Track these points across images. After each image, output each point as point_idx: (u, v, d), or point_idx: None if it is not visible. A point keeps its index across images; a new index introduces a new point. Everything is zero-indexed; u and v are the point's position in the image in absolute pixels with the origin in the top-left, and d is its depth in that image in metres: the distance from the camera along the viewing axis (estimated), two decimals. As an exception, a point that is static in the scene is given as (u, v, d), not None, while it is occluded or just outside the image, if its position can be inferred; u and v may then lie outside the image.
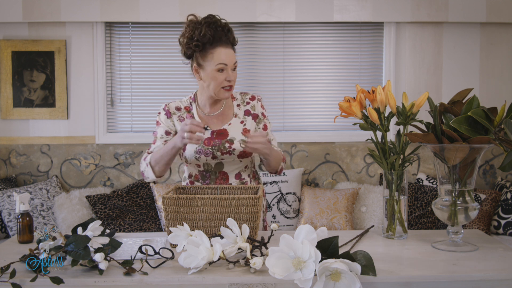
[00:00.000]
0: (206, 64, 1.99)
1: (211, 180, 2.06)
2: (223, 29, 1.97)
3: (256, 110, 2.14)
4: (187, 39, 2.00)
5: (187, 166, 2.12)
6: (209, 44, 1.96)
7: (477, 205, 1.66)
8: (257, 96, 2.17)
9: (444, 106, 1.63)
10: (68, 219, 3.46)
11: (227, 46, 1.98)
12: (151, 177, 2.01)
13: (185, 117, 2.10)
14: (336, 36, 3.92)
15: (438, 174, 1.69)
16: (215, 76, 1.98)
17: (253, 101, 2.15)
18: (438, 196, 1.71)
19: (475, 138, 1.52)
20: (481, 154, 1.62)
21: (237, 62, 2.02)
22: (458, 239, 1.67)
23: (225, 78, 1.98)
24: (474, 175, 1.66)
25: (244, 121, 2.10)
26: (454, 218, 1.65)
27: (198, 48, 1.98)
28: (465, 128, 1.54)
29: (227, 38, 1.98)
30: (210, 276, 1.37)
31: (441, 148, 1.60)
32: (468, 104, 1.59)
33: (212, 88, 2.01)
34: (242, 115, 2.12)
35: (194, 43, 1.97)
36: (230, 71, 1.99)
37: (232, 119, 2.10)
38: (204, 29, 1.95)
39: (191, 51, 2.01)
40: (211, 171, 2.05)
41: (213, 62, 1.97)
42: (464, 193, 1.65)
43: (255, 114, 2.13)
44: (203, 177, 2.07)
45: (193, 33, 1.98)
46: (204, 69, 2.00)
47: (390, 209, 1.76)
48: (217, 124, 2.09)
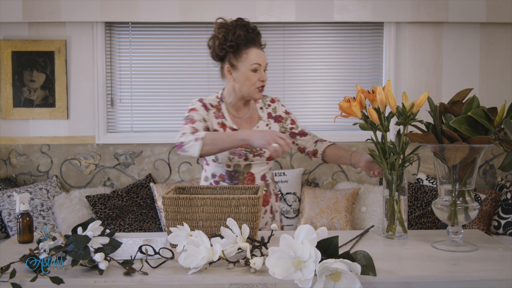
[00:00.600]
0: (240, 64, 2.02)
1: (239, 181, 2.07)
2: (254, 31, 2.03)
3: (278, 112, 2.19)
4: (220, 41, 2.01)
5: (209, 166, 2.11)
6: (243, 45, 2.00)
7: (477, 205, 1.66)
8: (276, 99, 2.23)
9: (444, 106, 1.63)
10: (68, 219, 3.46)
11: (259, 48, 2.04)
12: (194, 153, 1.86)
13: (218, 116, 2.08)
14: (336, 36, 3.92)
15: (438, 174, 1.69)
16: (249, 76, 2.01)
17: (273, 104, 2.20)
18: (438, 196, 1.71)
19: (475, 138, 1.52)
20: (481, 154, 1.61)
21: (268, 64, 2.07)
22: (458, 239, 1.67)
23: (258, 78, 2.02)
24: (474, 175, 1.66)
25: (269, 124, 2.16)
26: (454, 218, 1.65)
27: (232, 49, 2.00)
28: (465, 128, 1.54)
29: (258, 41, 2.04)
30: (210, 276, 1.37)
31: (441, 148, 1.60)
32: (468, 104, 1.58)
33: (246, 88, 2.03)
34: (266, 118, 2.17)
35: (229, 43, 1.99)
36: (263, 72, 2.04)
37: (259, 122, 2.14)
38: (237, 30, 1.99)
39: (225, 52, 2.02)
40: (239, 172, 2.07)
41: (247, 62, 2.00)
42: (464, 193, 1.65)
43: (277, 116, 2.19)
44: (230, 177, 2.07)
45: (226, 35, 2.00)
46: (238, 70, 2.02)
47: (390, 209, 1.76)
48: (246, 127, 2.11)
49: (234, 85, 2.06)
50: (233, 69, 2.04)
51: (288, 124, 2.19)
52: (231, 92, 2.09)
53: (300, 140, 2.20)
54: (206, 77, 3.92)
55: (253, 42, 2.01)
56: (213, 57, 2.08)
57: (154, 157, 3.90)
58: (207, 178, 2.13)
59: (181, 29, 3.89)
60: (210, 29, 3.88)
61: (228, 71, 2.05)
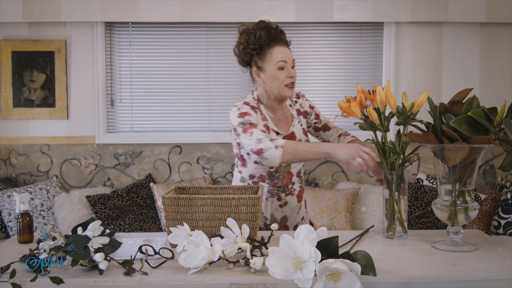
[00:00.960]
0: (266, 65, 2.02)
1: (278, 180, 2.08)
2: (276, 30, 2.02)
3: (304, 108, 2.21)
4: (244, 45, 2.03)
5: (247, 168, 2.09)
6: (266, 45, 2.00)
7: (477, 205, 1.66)
8: (300, 94, 2.24)
9: (444, 106, 1.63)
10: (68, 219, 3.46)
11: (283, 45, 2.03)
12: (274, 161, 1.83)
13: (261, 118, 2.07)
14: (336, 36, 3.92)
15: (438, 174, 1.69)
16: (277, 75, 2.00)
17: (299, 99, 2.22)
18: (438, 196, 1.71)
19: (475, 138, 1.52)
20: (481, 154, 1.61)
21: (295, 60, 2.05)
22: (458, 239, 1.67)
23: (286, 75, 2.01)
24: (474, 175, 1.66)
25: (300, 121, 2.17)
26: (454, 218, 1.65)
27: (255, 51, 2.01)
28: (465, 128, 1.54)
29: (281, 38, 2.03)
30: (210, 276, 1.37)
31: (441, 148, 1.60)
32: (468, 104, 1.58)
33: (275, 88, 2.02)
34: (296, 115, 2.18)
35: (251, 46, 2.00)
36: (290, 68, 2.02)
37: (293, 121, 2.15)
38: (258, 32, 2.00)
39: (249, 55, 2.03)
40: (280, 171, 2.07)
41: (273, 61, 2.00)
42: (464, 193, 1.65)
43: (304, 112, 2.21)
44: (271, 177, 2.07)
45: (248, 39, 2.02)
46: (265, 71, 2.02)
47: (390, 209, 1.76)
48: (284, 128, 2.11)
49: (264, 87, 2.06)
50: (260, 71, 2.04)
51: (312, 119, 2.22)
52: (264, 94, 2.09)
53: (324, 135, 2.25)
54: (206, 77, 3.92)
55: (275, 40, 2.01)
56: (240, 63, 2.10)
57: (154, 157, 3.90)
58: (244, 179, 2.11)
59: (181, 29, 3.89)
60: (210, 29, 3.88)
61: (256, 74, 2.06)
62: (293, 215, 2.14)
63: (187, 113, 3.94)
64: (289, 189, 2.11)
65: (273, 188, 2.08)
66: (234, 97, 3.92)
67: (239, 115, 1.97)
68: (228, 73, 3.92)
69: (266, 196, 2.08)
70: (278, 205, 2.10)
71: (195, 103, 3.93)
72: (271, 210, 2.09)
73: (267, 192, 2.08)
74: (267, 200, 2.08)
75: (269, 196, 2.08)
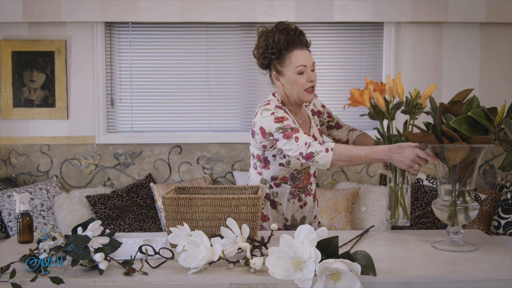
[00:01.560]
0: (285, 69, 1.99)
1: (300, 181, 2.08)
2: (295, 32, 1.99)
3: (317, 107, 2.23)
4: (263, 49, 2.01)
5: (269, 170, 2.06)
6: (284, 49, 1.98)
7: (477, 205, 1.67)
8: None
9: (444, 106, 1.63)
10: (68, 219, 3.46)
11: (302, 48, 2.00)
12: (326, 164, 1.81)
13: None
14: (336, 36, 3.92)
15: (438, 174, 1.70)
16: (296, 79, 1.98)
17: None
18: (438, 196, 1.71)
19: (475, 138, 1.52)
20: (481, 154, 1.61)
21: (315, 63, 2.03)
22: (458, 239, 1.67)
23: (306, 79, 1.98)
24: (474, 175, 1.66)
25: (315, 121, 2.18)
26: (454, 218, 1.65)
27: (274, 56, 1.99)
28: (465, 128, 1.54)
29: (300, 41, 2.00)
30: (210, 276, 1.37)
31: (441, 148, 1.60)
32: (468, 104, 1.58)
33: (295, 92, 2.00)
34: (311, 116, 2.18)
35: (270, 51, 1.98)
36: (310, 72, 1.99)
37: (311, 123, 2.15)
38: (277, 35, 1.97)
39: (268, 60, 2.02)
40: (302, 173, 2.07)
41: (292, 66, 1.97)
42: (464, 193, 1.65)
43: (318, 111, 2.23)
44: (293, 178, 2.06)
45: (267, 42, 2.00)
46: (284, 75, 2.00)
47: (394, 195, 1.78)
48: (305, 130, 2.11)
49: (284, 90, 2.04)
50: (280, 75, 2.02)
51: (326, 118, 2.24)
52: (285, 97, 2.07)
53: (336, 132, 2.27)
54: (206, 77, 3.92)
55: (294, 44, 1.98)
56: (259, 65, 2.09)
57: (154, 157, 3.90)
58: (265, 180, 2.08)
59: (181, 29, 3.89)
60: (210, 29, 3.88)
61: (276, 78, 2.04)
62: (309, 215, 2.16)
63: (187, 113, 3.94)
64: (308, 190, 2.12)
65: (294, 190, 2.07)
66: (234, 97, 3.92)
67: (275, 120, 1.92)
68: (228, 73, 3.92)
69: (287, 198, 2.07)
70: (298, 206, 2.10)
71: (195, 103, 3.93)
72: (292, 211, 2.09)
73: (289, 194, 2.07)
74: (288, 202, 2.07)
75: (291, 198, 2.07)
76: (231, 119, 3.95)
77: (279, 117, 1.92)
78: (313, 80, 1.99)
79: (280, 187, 2.06)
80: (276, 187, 2.07)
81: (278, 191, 2.07)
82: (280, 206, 2.08)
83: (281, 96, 2.09)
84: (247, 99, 3.94)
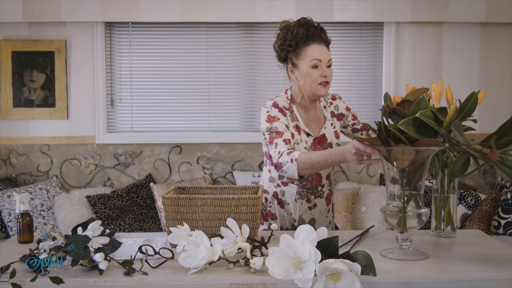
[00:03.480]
0: (300, 62, 2.00)
1: (308, 182, 2.06)
2: (316, 28, 2.00)
3: (340, 110, 2.18)
4: (281, 41, 2.02)
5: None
6: (302, 42, 1.99)
7: (427, 211, 1.54)
8: (337, 95, 2.21)
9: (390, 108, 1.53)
10: (68, 219, 3.46)
11: (320, 43, 2.00)
12: (293, 175, 1.86)
13: (292, 118, 2.05)
14: (336, 36, 3.92)
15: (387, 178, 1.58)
16: (310, 73, 1.98)
17: (335, 101, 2.19)
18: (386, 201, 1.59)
19: (423, 140, 1.43)
20: (430, 157, 1.50)
21: (331, 60, 2.02)
22: (407, 247, 1.56)
23: (320, 74, 1.98)
24: (424, 179, 1.54)
25: (333, 123, 2.14)
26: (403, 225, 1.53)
27: (291, 48, 2.00)
28: (414, 130, 1.44)
29: (319, 36, 2.01)
30: (210, 276, 1.37)
31: (388, 151, 1.50)
32: (416, 105, 1.48)
33: (308, 85, 2.00)
34: (330, 117, 2.15)
35: (288, 43, 2.00)
36: (325, 67, 1.99)
37: (325, 123, 2.12)
38: (296, 29, 1.98)
39: (285, 52, 2.03)
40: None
41: (307, 59, 1.98)
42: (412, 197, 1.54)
43: (339, 114, 2.17)
44: (300, 178, 2.03)
45: (286, 35, 2.01)
46: (299, 68, 2.01)
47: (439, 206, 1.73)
48: (316, 129, 2.09)
49: (298, 84, 2.04)
50: (295, 68, 2.03)
51: (350, 120, 2.20)
52: (298, 92, 2.07)
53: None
54: (206, 77, 3.92)
55: (313, 38, 1.99)
56: (278, 58, 2.10)
57: (154, 157, 3.90)
58: (273, 179, 2.10)
59: (181, 29, 3.89)
60: (210, 29, 3.88)
61: (291, 71, 2.05)
62: (321, 218, 2.12)
63: (187, 113, 3.94)
64: (318, 192, 2.09)
65: (302, 190, 2.06)
66: (234, 97, 3.92)
67: (267, 119, 1.97)
68: (228, 73, 3.92)
69: (295, 198, 2.06)
70: (307, 207, 2.08)
71: (195, 103, 3.93)
72: (300, 212, 2.07)
73: (296, 194, 2.06)
74: (296, 202, 2.06)
75: (298, 198, 2.06)
76: (231, 119, 3.95)
77: (271, 116, 1.97)
78: (327, 75, 1.99)
79: (287, 186, 2.06)
80: (283, 186, 2.06)
81: (285, 190, 2.06)
82: (287, 206, 2.07)
83: (294, 91, 2.09)
84: (247, 99, 3.94)
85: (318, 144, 2.06)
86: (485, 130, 3.88)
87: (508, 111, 3.93)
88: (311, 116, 2.10)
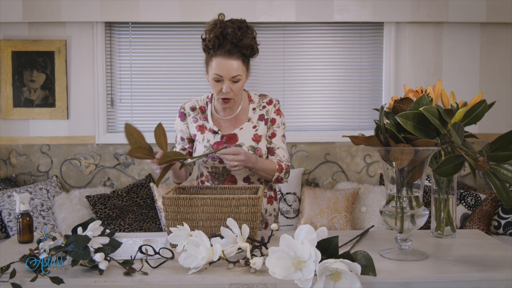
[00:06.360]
0: (208, 69, 1.95)
1: (219, 182, 2.04)
2: (234, 36, 1.85)
3: (269, 115, 2.06)
4: (203, 38, 1.93)
5: (200, 166, 2.11)
6: (213, 50, 1.89)
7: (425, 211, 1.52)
8: (274, 101, 2.08)
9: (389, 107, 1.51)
10: (68, 219, 3.46)
11: (229, 57, 1.87)
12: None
13: (199, 118, 2.06)
14: (336, 36, 3.92)
15: (386, 178, 1.56)
16: (212, 84, 1.94)
17: (269, 106, 2.07)
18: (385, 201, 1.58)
19: (420, 141, 1.39)
20: (429, 157, 1.47)
21: (239, 76, 1.89)
22: (406, 247, 1.56)
23: (220, 89, 1.91)
24: (423, 178, 1.52)
25: (257, 126, 2.04)
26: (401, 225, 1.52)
27: (205, 51, 1.94)
28: (412, 125, 1.38)
29: (233, 48, 1.87)
30: (210, 276, 1.37)
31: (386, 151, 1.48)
32: (416, 103, 1.43)
33: (213, 94, 2.01)
34: (256, 120, 2.05)
35: (202, 46, 1.93)
36: (228, 83, 1.89)
37: (244, 124, 2.03)
38: (212, 33, 1.87)
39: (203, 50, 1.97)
40: (219, 173, 2.03)
41: (211, 70, 1.91)
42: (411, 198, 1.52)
43: (267, 119, 2.06)
44: (212, 178, 2.05)
45: (207, 34, 1.90)
46: (208, 74, 1.97)
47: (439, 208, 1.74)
48: (228, 128, 2.04)
49: None
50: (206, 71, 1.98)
51: (269, 134, 2.06)
52: None
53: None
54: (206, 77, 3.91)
55: (223, 49, 1.86)
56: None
57: (154, 157, 3.90)
58: (198, 177, 2.15)
59: (181, 29, 3.89)
60: (210, 29, 3.88)
61: (206, 71, 1.99)
62: None
63: (187, 113, 3.94)
64: None
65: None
66: (234, 97, 3.92)
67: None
68: (228, 73, 3.92)
69: None
70: None
71: (195, 103, 3.93)
72: None
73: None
74: None
75: None
76: (231, 119, 3.94)
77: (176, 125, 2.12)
78: (228, 92, 1.89)
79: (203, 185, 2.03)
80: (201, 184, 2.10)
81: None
82: None
83: None
84: (247, 99, 3.93)
85: (226, 143, 2.00)
86: (485, 130, 3.88)
87: (508, 111, 3.93)
88: (227, 115, 2.04)
